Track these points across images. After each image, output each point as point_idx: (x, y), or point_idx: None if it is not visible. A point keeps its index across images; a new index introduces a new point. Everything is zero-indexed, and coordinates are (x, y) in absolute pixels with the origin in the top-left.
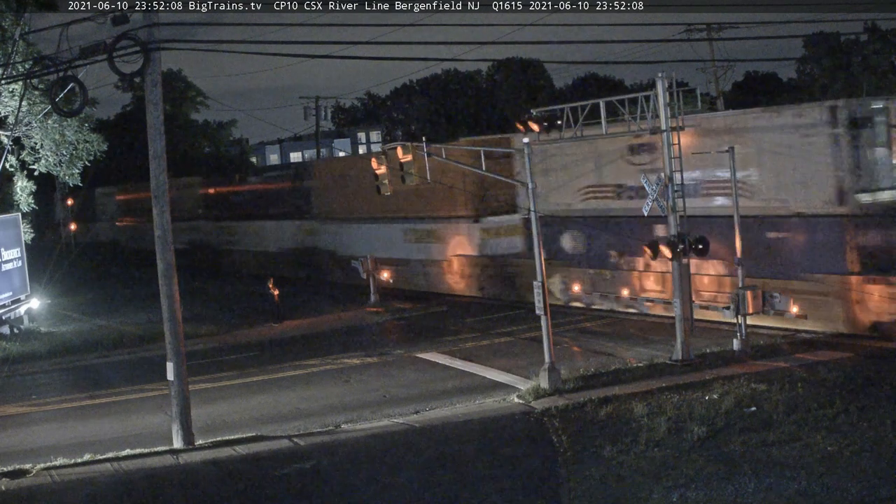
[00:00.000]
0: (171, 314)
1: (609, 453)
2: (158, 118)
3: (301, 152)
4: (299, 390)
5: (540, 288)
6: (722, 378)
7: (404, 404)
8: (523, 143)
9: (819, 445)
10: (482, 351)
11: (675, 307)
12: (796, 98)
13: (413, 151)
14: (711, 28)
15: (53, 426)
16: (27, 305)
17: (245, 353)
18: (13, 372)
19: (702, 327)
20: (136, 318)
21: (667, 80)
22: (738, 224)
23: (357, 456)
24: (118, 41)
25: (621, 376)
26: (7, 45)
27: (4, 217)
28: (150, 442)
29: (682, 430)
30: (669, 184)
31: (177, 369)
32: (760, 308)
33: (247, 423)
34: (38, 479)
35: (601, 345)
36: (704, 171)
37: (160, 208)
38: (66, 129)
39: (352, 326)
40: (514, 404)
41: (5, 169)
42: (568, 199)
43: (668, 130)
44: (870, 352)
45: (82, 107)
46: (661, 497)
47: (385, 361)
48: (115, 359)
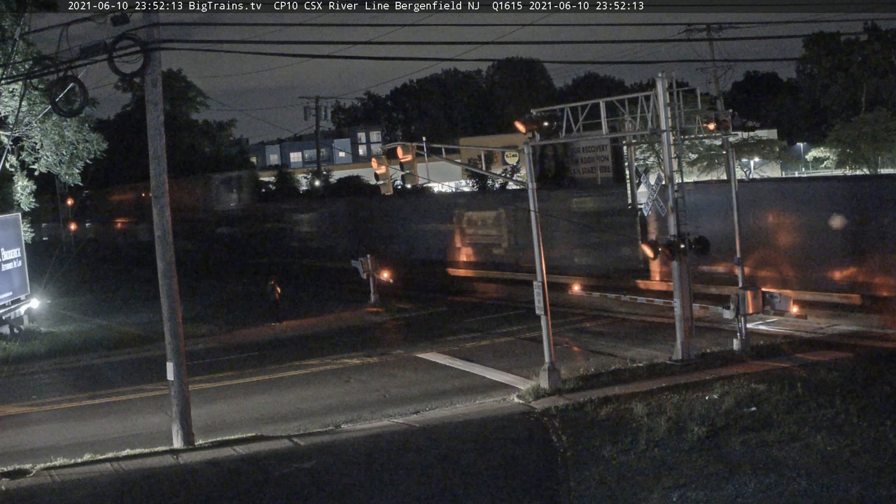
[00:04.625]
0: (171, 314)
1: (609, 453)
2: (158, 118)
3: (301, 152)
4: (299, 390)
5: (540, 288)
6: (722, 378)
7: (404, 404)
8: (523, 143)
9: (819, 445)
10: (482, 351)
11: (675, 307)
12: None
13: (413, 151)
14: (711, 28)
15: (53, 426)
16: (27, 305)
17: (245, 353)
18: (13, 372)
19: (702, 327)
20: (136, 318)
21: (667, 80)
22: (737, 224)
23: (357, 456)
24: (118, 41)
25: (621, 376)
26: (7, 45)
27: (4, 217)
28: (150, 442)
29: (682, 430)
30: (669, 184)
31: (177, 369)
32: (761, 308)
33: (247, 423)
34: (38, 479)
35: (601, 345)
36: None
37: (160, 208)
38: (65, 129)
39: (352, 326)
40: (514, 404)
41: (5, 169)
42: None
43: (668, 130)
44: (870, 352)
45: (82, 107)
46: (661, 497)
47: (385, 361)
48: (115, 359)
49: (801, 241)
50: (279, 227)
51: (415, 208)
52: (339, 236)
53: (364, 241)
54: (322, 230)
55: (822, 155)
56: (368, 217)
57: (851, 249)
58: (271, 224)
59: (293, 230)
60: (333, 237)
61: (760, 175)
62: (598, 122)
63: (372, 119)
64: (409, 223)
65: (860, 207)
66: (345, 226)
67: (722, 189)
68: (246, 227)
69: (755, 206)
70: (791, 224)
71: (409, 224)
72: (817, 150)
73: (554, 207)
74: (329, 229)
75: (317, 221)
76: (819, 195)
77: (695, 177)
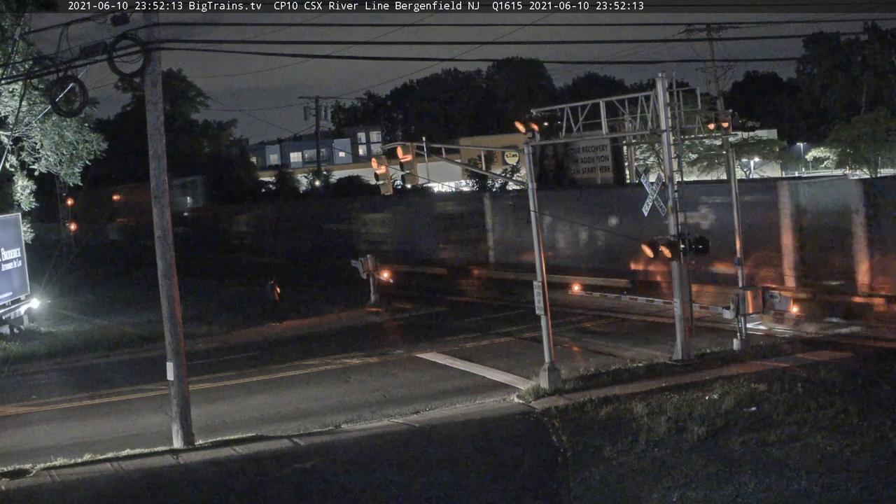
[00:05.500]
0: (171, 314)
1: (609, 453)
2: (158, 118)
3: (301, 152)
4: (299, 390)
5: (540, 288)
6: (722, 378)
7: (404, 404)
8: (523, 143)
9: (819, 445)
10: (482, 351)
11: (675, 307)
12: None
13: (413, 151)
14: (711, 28)
15: (53, 426)
16: (27, 305)
17: (245, 353)
18: (13, 372)
19: (701, 327)
20: (136, 318)
21: (667, 80)
22: (738, 222)
23: (357, 456)
24: (118, 41)
25: (621, 376)
26: (7, 45)
27: (4, 217)
28: (150, 442)
29: (682, 430)
30: (669, 184)
31: (177, 369)
32: (761, 308)
33: (247, 423)
34: (38, 479)
35: (601, 345)
36: None
37: (160, 208)
38: (65, 129)
39: (352, 326)
40: (514, 404)
41: (5, 169)
42: None
43: (668, 130)
44: (870, 352)
45: (82, 107)
46: (661, 497)
47: (385, 361)
48: (115, 359)
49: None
50: (221, 227)
51: (325, 210)
52: (267, 235)
53: (284, 239)
54: (255, 230)
55: (822, 155)
56: (291, 218)
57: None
58: (215, 224)
59: (233, 230)
60: (263, 236)
61: (760, 175)
62: (598, 122)
63: (372, 119)
64: (319, 223)
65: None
66: (270, 226)
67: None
68: (195, 228)
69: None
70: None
71: (316, 224)
72: (817, 150)
73: (420, 210)
74: (259, 229)
75: (251, 222)
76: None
77: (695, 177)
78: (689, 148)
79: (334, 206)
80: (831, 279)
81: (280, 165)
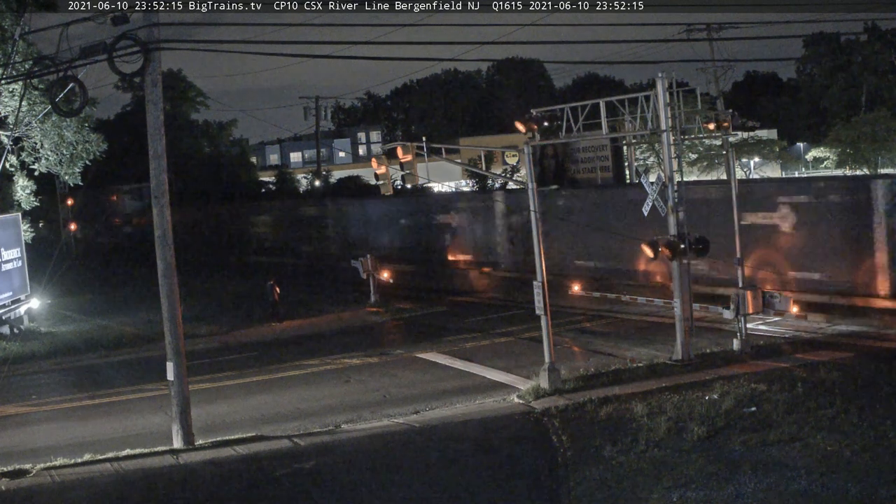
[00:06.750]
0: (171, 314)
1: (609, 453)
2: (158, 118)
3: (301, 152)
4: (299, 390)
5: (540, 288)
6: (722, 378)
7: (404, 404)
8: (523, 143)
9: (819, 445)
10: (482, 351)
11: (675, 307)
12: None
13: (413, 151)
14: (711, 28)
15: (53, 426)
16: (27, 305)
17: (245, 353)
18: (13, 372)
19: (701, 327)
20: (136, 318)
21: (667, 80)
22: (737, 222)
23: (357, 456)
24: (118, 41)
25: (621, 376)
26: (7, 45)
27: (4, 217)
28: (150, 442)
29: (682, 430)
30: (669, 184)
31: (177, 369)
32: (760, 308)
33: (247, 423)
34: (38, 479)
35: (601, 345)
36: None
37: (160, 208)
38: (65, 129)
39: (352, 326)
40: (514, 404)
41: (5, 169)
42: None
43: (668, 130)
44: (870, 352)
45: (82, 107)
46: (661, 497)
47: (385, 361)
48: (115, 359)
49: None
50: (225, 227)
51: (249, 211)
52: (211, 234)
53: (221, 238)
54: (198, 229)
55: (822, 155)
56: (226, 217)
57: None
58: (218, 224)
59: (250, 231)
60: (208, 235)
61: (760, 175)
62: (598, 122)
63: (372, 119)
64: (240, 223)
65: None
66: (209, 226)
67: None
68: (139, 227)
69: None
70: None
71: (237, 223)
72: (817, 150)
73: (353, 212)
74: (202, 228)
75: (189, 223)
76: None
77: (695, 177)
78: (689, 148)
79: (333, 206)
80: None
81: (280, 165)
